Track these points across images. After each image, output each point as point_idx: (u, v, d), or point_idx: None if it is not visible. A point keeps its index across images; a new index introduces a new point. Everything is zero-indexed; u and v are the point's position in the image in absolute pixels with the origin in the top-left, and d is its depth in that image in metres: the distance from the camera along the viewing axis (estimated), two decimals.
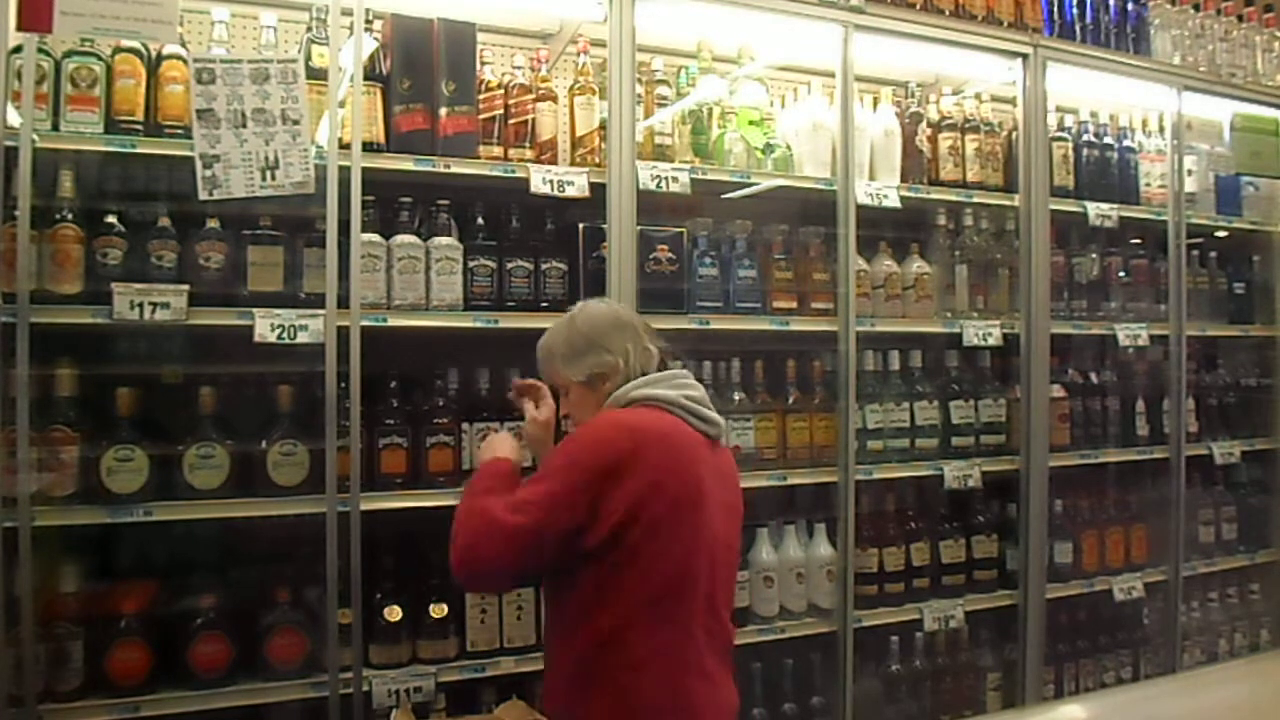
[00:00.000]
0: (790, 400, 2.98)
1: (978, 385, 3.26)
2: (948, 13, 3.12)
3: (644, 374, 1.93)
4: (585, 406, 1.97)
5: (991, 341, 3.17)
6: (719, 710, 1.86)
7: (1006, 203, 3.27)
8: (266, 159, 2.24)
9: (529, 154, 2.63)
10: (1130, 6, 3.54)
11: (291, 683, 2.30)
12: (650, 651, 1.77)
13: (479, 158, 2.56)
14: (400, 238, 2.49)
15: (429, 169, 2.47)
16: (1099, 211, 3.37)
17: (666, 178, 2.66)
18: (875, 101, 3.18)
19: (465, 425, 2.56)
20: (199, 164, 2.20)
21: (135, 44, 2.28)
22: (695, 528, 1.82)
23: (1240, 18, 3.83)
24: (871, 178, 3.05)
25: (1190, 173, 3.66)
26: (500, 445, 2.02)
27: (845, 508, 2.89)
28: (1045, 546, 3.23)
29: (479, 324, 2.51)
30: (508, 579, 1.98)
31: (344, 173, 2.32)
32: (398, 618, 2.42)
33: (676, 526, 1.78)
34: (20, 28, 2.04)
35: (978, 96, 3.37)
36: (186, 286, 2.23)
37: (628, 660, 1.76)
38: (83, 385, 2.26)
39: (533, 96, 2.66)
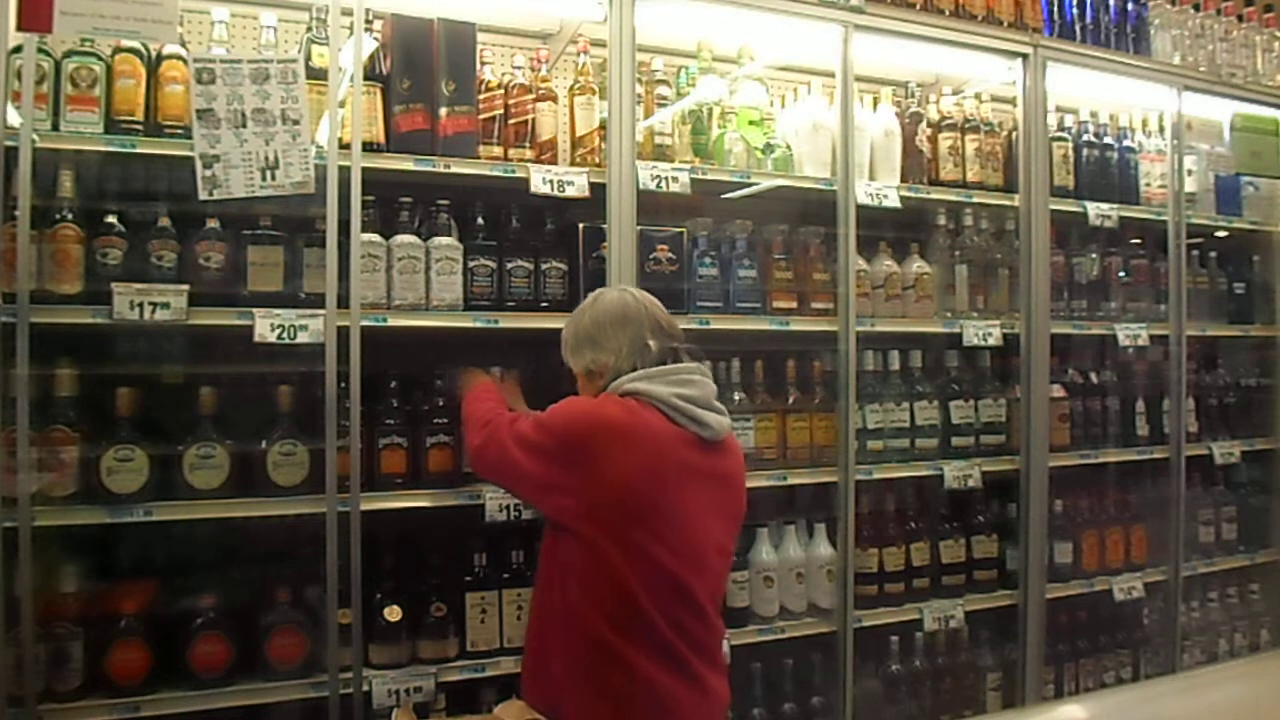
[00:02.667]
0: (790, 400, 2.97)
1: (978, 385, 3.26)
2: (948, 13, 3.12)
3: (637, 368, 1.95)
4: (587, 395, 2.04)
5: (991, 341, 3.17)
6: (706, 711, 1.86)
7: (1006, 203, 3.27)
8: (266, 159, 2.24)
9: (529, 154, 2.63)
10: (1130, 6, 3.54)
11: (291, 683, 2.30)
12: (632, 653, 1.78)
13: (479, 158, 2.56)
14: (400, 238, 2.49)
15: (429, 169, 2.47)
16: (1099, 211, 3.37)
17: (666, 178, 2.66)
18: (875, 101, 3.18)
19: None
20: (199, 164, 2.19)
21: (135, 44, 2.28)
22: (676, 531, 1.82)
23: (1240, 18, 3.83)
24: (871, 178, 3.05)
25: (1190, 173, 3.66)
26: (479, 383, 2.31)
27: (845, 508, 2.89)
28: (1045, 546, 3.23)
29: (479, 324, 2.51)
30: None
31: (344, 173, 2.32)
32: (398, 618, 2.42)
33: (634, 530, 1.80)
34: (20, 28, 2.04)
35: (978, 96, 3.37)
36: (186, 286, 2.23)
37: (610, 659, 1.78)
38: (83, 385, 2.26)
39: (533, 96, 2.65)
